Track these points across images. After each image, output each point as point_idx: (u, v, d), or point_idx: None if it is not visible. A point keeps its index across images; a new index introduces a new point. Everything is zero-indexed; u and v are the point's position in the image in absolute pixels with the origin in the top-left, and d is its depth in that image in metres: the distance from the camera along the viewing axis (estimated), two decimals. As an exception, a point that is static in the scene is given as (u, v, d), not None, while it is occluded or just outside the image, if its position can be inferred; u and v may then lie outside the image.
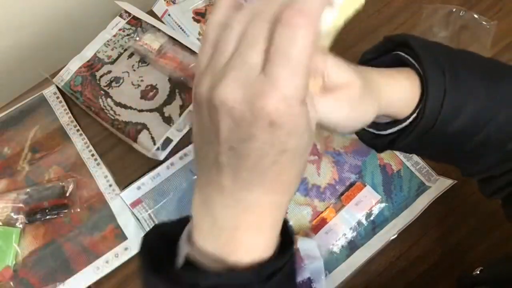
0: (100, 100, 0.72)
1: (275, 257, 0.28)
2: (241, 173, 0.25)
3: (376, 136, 0.40)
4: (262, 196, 0.26)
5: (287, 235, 0.29)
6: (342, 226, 0.60)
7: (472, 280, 0.49)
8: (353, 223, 0.60)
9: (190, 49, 0.72)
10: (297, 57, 0.22)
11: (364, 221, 0.60)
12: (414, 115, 0.35)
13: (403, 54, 0.37)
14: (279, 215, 0.28)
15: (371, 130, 0.39)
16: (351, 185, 0.63)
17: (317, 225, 0.61)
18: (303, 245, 0.57)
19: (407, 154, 0.64)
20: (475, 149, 0.39)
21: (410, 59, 0.36)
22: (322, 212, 0.61)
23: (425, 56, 0.35)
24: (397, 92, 0.35)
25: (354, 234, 0.60)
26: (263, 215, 0.27)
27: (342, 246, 0.59)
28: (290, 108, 0.22)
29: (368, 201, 0.61)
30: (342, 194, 0.62)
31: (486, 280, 0.47)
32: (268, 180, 0.25)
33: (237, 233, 0.27)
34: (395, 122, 0.37)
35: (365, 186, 0.62)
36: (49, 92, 0.74)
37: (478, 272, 0.49)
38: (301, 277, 0.55)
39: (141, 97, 0.72)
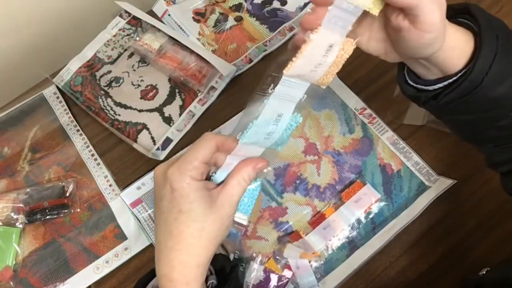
0: (100, 100, 0.72)
1: None
2: (159, 227, 0.36)
3: (420, 91, 0.43)
4: (172, 252, 0.35)
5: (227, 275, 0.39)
6: (341, 222, 0.60)
7: (478, 281, 0.49)
8: (352, 220, 0.60)
9: (190, 49, 0.72)
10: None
11: (363, 219, 0.60)
12: (464, 70, 0.38)
13: (462, 19, 0.40)
14: (190, 272, 0.35)
15: (418, 86, 0.43)
16: (351, 183, 0.63)
17: (316, 221, 0.61)
18: (294, 262, 0.57)
19: (408, 153, 0.64)
20: (510, 127, 0.41)
21: (469, 22, 0.40)
22: (323, 213, 0.61)
23: (483, 20, 0.38)
24: (456, 39, 0.38)
25: (354, 234, 0.60)
26: (174, 270, 0.35)
27: (342, 246, 0.60)
28: (182, 178, 0.34)
29: (368, 199, 0.61)
30: (342, 191, 0.62)
31: (492, 281, 0.47)
32: (174, 234, 0.35)
33: (166, 283, 0.36)
34: (443, 78, 0.40)
35: (365, 184, 0.62)
36: (49, 92, 0.74)
37: (484, 273, 0.49)
38: None
39: (141, 97, 0.72)
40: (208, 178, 0.39)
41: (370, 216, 0.61)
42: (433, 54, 0.38)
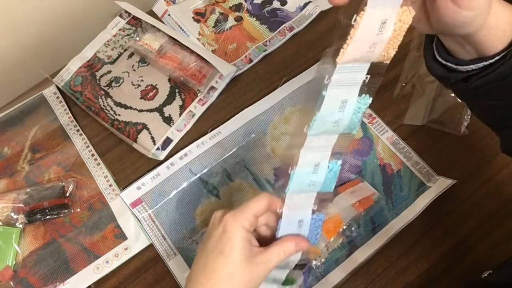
0: (100, 100, 0.72)
1: None
2: (198, 261, 0.40)
3: (451, 71, 0.40)
4: (200, 287, 0.38)
5: None
6: (334, 208, 0.60)
7: (481, 285, 0.49)
8: (344, 205, 0.60)
9: (190, 49, 0.72)
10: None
11: (361, 212, 0.60)
12: (503, 54, 0.35)
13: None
14: None
15: (448, 64, 0.39)
16: (349, 180, 0.63)
17: None
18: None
19: (408, 153, 0.64)
20: None
21: None
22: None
23: None
24: (499, 18, 0.35)
25: (354, 234, 0.60)
26: None
27: (342, 245, 0.60)
28: (234, 224, 0.38)
29: (363, 192, 0.61)
30: (339, 186, 0.63)
31: (497, 285, 0.46)
32: (208, 270, 0.38)
33: None
34: (477, 59, 0.37)
35: (362, 181, 0.62)
36: (49, 92, 0.74)
37: (486, 275, 0.49)
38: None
39: (141, 97, 0.72)
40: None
41: (370, 215, 0.61)
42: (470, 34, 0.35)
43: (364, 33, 0.33)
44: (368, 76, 0.37)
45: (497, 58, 0.36)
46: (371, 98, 0.38)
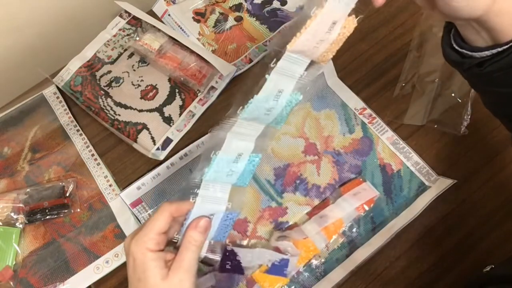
0: (100, 100, 0.72)
1: None
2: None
3: (465, 57, 0.41)
4: None
5: None
6: (337, 212, 0.60)
7: (482, 278, 0.49)
8: (348, 209, 0.60)
9: (190, 49, 0.72)
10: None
11: (362, 214, 0.60)
12: None
13: None
14: None
15: (463, 51, 0.41)
16: (350, 180, 0.63)
17: (313, 212, 0.61)
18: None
19: (408, 153, 0.64)
20: None
21: None
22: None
23: None
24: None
25: (354, 233, 0.60)
26: None
27: (342, 245, 0.60)
28: (139, 249, 0.38)
29: (366, 194, 0.61)
30: (341, 185, 0.63)
31: (498, 278, 0.46)
32: None
33: None
34: (492, 46, 0.38)
35: (365, 181, 0.62)
36: (49, 92, 0.74)
37: (488, 270, 0.49)
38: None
39: (141, 97, 0.72)
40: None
41: (370, 215, 0.61)
42: (478, 18, 0.36)
43: (317, 27, 0.36)
44: (305, 73, 0.39)
45: (511, 44, 0.37)
46: (301, 96, 0.40)
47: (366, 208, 0.61)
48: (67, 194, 0.64)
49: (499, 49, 0.38)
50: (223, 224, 0.43)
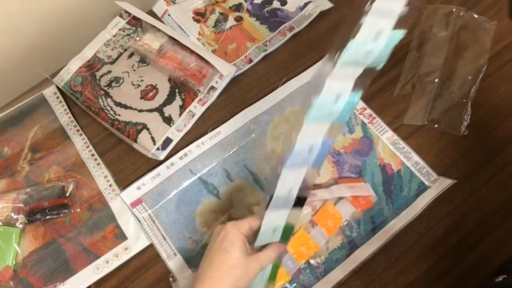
0: (100, 100, 0.72)
1: None
2: (205, 260, 0.47)
3: None
4: (209, 280, 0.45)
5: None
6: (325, 193, 0.61)
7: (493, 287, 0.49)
8: (336, 193, 0.61)
9: (190, 49, 0.72)
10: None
11: (359, 211, 0.61)
12: None
13: None
14: None
15: None
16: (351, 177, 0.63)
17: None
18: None
19: (408, 153, 0.64)
20: None
21: None
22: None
23: None
24: None
25: (354, 234, 0.60)
26: None
27: (342, 245, 0.60)
28: (235, 229, 0.47)
29: (361, 190, 0.61)
30: (339, 178, 0.63)
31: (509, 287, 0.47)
32: (214, 264, 0.46)
33: None
34: None
35: (365, 182, 0.62)
36: (49, 92, 0.74)
37: (500, 280, 0.49)
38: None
39: (141, 97, 0.72)
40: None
41: (370, 215, 0.61)
42: None
43: None
44: (406, 9, 0.38)
45: None
46: (403, 33, 0.39)
47: (364, 205, 0.61)
48: (67, 194, 0.64)
49: None
50: (322, 153, 0.46)
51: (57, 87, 0.73)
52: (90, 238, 0.62)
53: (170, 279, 0.58)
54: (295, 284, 0.58)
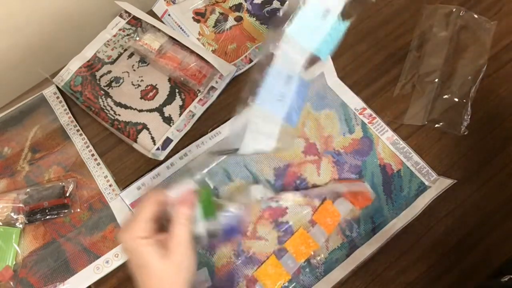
0: (100, 100, 0.72)
1: None
2: (136, 283, 0.40)
3: None
4: None
5: None
6: (323, 189, 0.61)
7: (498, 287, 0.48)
8: (331, 188, 0.61)
9: (190, 49, 0.72)
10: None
11: (357, 208, 0.61)
12: None
13: None
14: None
15: None
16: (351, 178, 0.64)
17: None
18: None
19: (408, 153, 0.64)
20: None
21: None
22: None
23: None
24: None
25: (354, 234, 0.60)
26: None
27: (342, 245, 0.60)
28: (131, 240, 0.39)
29: (357, 187, 0.61)
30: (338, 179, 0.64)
31: None
32: (144, 286, 0.40)
33: None
34: None
35: (363, 182, 0.63)
36: (49, 92, 0.74)
37: (506, 280, 0.48)
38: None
39: (141, 97, 0.72)
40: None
41: (370, 215, 0.61)
42: None
43: None
44: None
45: None
46: (347, 24, 0.37)
47: (362, 202, 0.61)
48: (67, 194, 0.64)
49: None
50: (298, 98, 0.40)
51: (57, 87, 0.73)
52: (90, 238, 0.62)
53: None
54: (295, 284, 0.58)
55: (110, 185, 0.65)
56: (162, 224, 0.42)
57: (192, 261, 0.40)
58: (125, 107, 0.71)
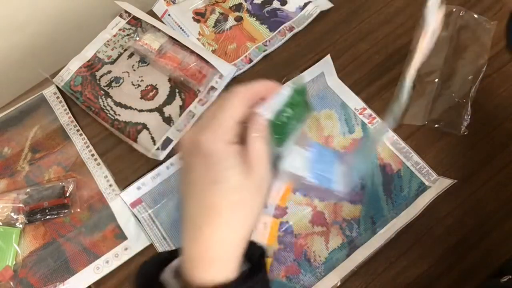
0: (100, 100, 0.72)
1: (239, 281, 0.32)
2: (189, 202, 0.32)
3: None
4: (207, 228, 0.31)
5: (257, 262, 0.34)
6: None
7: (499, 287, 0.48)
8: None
9: (190, 49, 0.72)
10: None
11: None
12: None
13: None
14: (229, 250, 0.31)
15: None
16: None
17: None
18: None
19: (408, 153, 0.64)
20: None
21: None
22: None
23: None
24: None
25: (354, 234, 0.60)
26: (211, 248, 0.31)
27: (342, 245, 0.60)
28: (217, 142, 0.30)
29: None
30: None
31: None
32: (208, 208, 0.31)
33: (200, 263, 0.31)
34: None
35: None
36: (49, 92, 0.74)
37: (505, 280, 0.48)
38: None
39: (141, 97, 0.72)
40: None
41: (370, 215, 0.61)
42: None
43: None
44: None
45: None
46: None
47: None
48: (67, 194, 0.64)
49: None
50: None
51: (57, 87, 0.73)
52: (90, 238, 0.62)
53: None
54: (295, 284, 0.58)
55: (110, 185, 0.65)
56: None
57: (270, 179, 0.33)
58: (125, 107, 0.71)
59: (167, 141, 0.68)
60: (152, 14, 0.79)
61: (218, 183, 0.30)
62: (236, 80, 0.73)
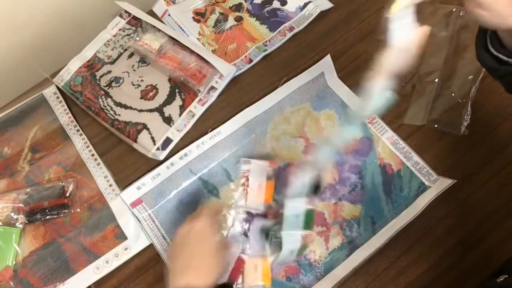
0: (100, 100, 0.72)
1: None
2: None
3: (502, 64, 0.40)
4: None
5: None
6: None
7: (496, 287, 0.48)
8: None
9: (190, 49, 0.72)
10: None
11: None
12: None
13: None
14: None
15: (500, 56, 0.39)
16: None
17: None
18: None
19: (408, 153, 0.64)
20: None
21: None
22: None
23: None
24: None
25: (354, 234, 0.60)
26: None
27: (342, 245, 0.60)
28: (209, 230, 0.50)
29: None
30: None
31: None
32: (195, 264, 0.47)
33: None
34: None
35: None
36: (49, 92, 0.74)
37: (502, 280, 0.48)
38: None
39: (141, 97, 0.72)
40: None
41: (370, 215, 0.61)
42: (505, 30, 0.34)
43: None
44: None
45: None
46: None
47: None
48: (67, 194, 0.64)
49: None
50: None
51: (57, 87, 0.73)
52: (90, 238, 0.62)
53: None
54: (295, 284, 0.58)
55: (110, 185, 0.65)
56: None
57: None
58: (125, 107, 0.71)
59: (167, 141, 0.68)
60: (152, 14, 0.79)
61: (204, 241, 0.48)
62: (236, 80, 0.73)
